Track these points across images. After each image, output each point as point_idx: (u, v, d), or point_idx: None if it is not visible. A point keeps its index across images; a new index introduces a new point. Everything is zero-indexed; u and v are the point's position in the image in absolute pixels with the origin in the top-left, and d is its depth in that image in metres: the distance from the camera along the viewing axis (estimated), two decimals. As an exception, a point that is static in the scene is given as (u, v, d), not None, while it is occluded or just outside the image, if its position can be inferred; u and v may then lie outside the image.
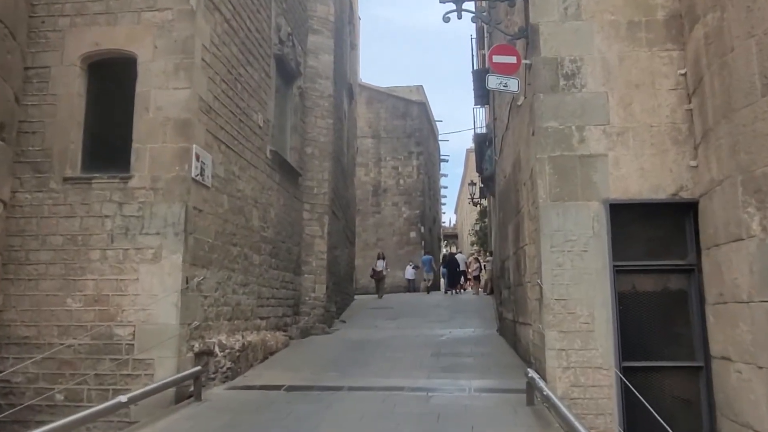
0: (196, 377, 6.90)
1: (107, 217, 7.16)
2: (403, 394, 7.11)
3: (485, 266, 22.50)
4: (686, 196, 6.27)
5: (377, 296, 21.33)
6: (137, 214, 7.13)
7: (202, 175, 7.58)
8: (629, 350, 6.20)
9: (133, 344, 6.86)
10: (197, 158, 7.42)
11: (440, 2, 7.33)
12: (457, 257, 25.39)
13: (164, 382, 6.36)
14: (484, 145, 17.74)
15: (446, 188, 46.03)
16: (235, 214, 8.94)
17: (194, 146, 7.32)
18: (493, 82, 7.04)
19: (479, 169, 19.25)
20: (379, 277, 21.97)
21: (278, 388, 7.54)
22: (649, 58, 6.53)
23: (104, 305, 6.97)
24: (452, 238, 51.33)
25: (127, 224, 7.12)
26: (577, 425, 4.65)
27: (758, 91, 4.97)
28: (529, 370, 6.42)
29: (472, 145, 24.50)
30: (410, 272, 26.31)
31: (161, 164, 7.20)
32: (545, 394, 5.53)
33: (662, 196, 6.33)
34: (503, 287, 12.03)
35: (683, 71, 6.41)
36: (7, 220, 7.12)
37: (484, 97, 17.32)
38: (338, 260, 15.82)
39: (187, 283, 7.13)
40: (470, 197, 31.06)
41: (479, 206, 29.92)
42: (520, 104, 8.20)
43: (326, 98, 14.10)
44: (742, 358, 5.16)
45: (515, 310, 9.59)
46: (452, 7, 7.31)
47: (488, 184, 17.97)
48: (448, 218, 55.57)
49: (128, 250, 7.07)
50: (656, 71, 6.50)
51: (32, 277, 7.10)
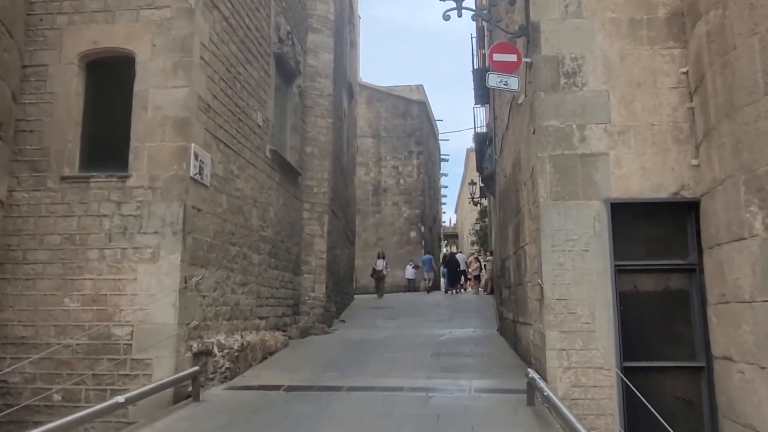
0: (194, 377, 6.86)
1: (105, 216, 7.13)
2: (402, 394, 7.07)
3: (485, 266, 22.48)
4: (688, 195, 6.24)
5: (377, 296, 21.28)
6: (135, 213, 7.09)
7: (200, 174, 7.54)
8: (630, 350, 6.16)
9: (131, 344, 6.82)
10: (196, 157, 7.38)
11: (440, 0, 7.29)
12: (457, 257, 25.34)
13: (162, 382, 6.32)
14: (484, 144, 17.71)
15: (446, 188, 46.06)
16: (234, 213, 8.89)
17: (193, 145, 7.28)
18: (493, 80, 6.99)
19: (479, 168, 19.23)
20: (379, 276, 21.91)
21: (277, 388, 7.50)
22: (650, 56, 6.49)
23: (102, 305, 6.93)
24: (452, 237, 51.30)
25: (125, 223, 7.08)
26: (577, 426, 4.62)
27: (761, 89, 4.93)
28: (529, 370, 6.38)
29: (472, 144, 24.47)
30: (410, 272, 26.31)
31: (159, 163, 7.16)
32: (546, 394, 5.49)
33: (663, 195, 6.29)
34: (503, 287, 11.99)
35: (685, 69, 6.37)
36: (4, 219, 7.11)
37: (484, 96, 17.29)
38: (338, 260, 15.78)
39: (185, 282, 7.09)
40: (470, 197, 31.01)
41: (479, 206, 29.88)
42: (520, 103, 8.16)
43: (326, 97, 14.06)
44: (744, 358, 5.12)
45: (515, 309, 9.55)
46: (452, 5, 7.28)
47: (488, 183, 17.94)
48: (448, 218, 55.60)
49: (126, 249, 7.03)
50: (658, 69, 6.46)
51: (29, 276, 7.07)
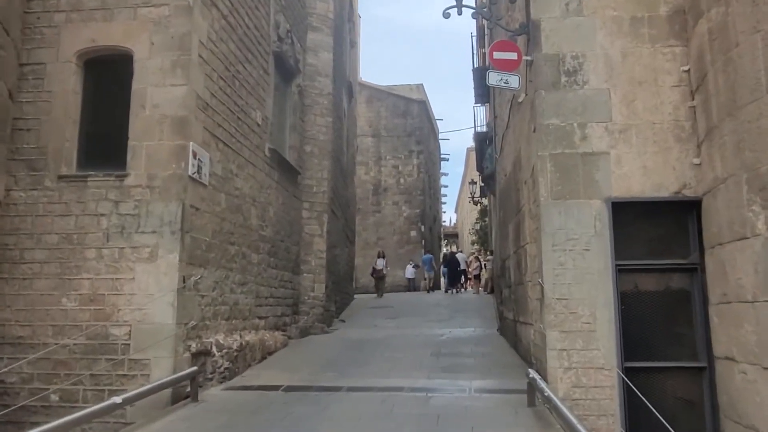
0: (192, 378, 6.81)
1: (103, 215, 7.08)
2: (402, 394, 7.03)
3: (485, 265, 22.44)
4: (689, 194, 6.20)
5: (377, 295, 21.23)
6: (133, 212, 7.04)
7: (199, 173, 7.49)
8: (631, 350, 6.13)
9: (129, 344, 6.78)
10: (194, 156, 7.33)
11: (440, -2, 7.25)
12: (457, 256, 25.32)
13: (160, 382, 6.28)
14: (484, 143, 17.69)
15: (447, 187, 46.02)
16: (233, 212, 8.85)
17: (191, 144, 7.24)
18: (493, 78, 6.95)
19: (479, 167, 19.20)
20: (379, 275, 21.84)
21: (276, 388, 7.46)
22: (651, 54, 6.45)
23: (100, 305, 6.89)
24: (453, 237, 51.28)
25: (123, 223, 7.04)
26: (578, 427, 4.59)
27: (764, 87, 4.89)
28: (530, 370, 6.33)
29: (472, 143, 24.42)
30: (410, 271, 26.28)
31: (158, 162, 7.11)
32: (546, 395, 5.45)
33: (665, 194, 6.25)
34: (504, 286, 11.96)
35: (686, 68, 6.33)
36: (1, 218, 7.08)
37: (484, 95, 17.26)
38: (338, 259, 15.73)
39: (183, 282, 7.04)
40: (471, 196, 30.97)
41: (480, 205, 29.84)
42: (520, 101, 8.11)
43: (325, 96, 14.01)
44: (746, 358, 5.08)
45: (516, 309, 9.51)
46: (452, 2, 7.23)
47: (489, 182, 17.91)
48: (448, 217, 55.57)
49: (124, 248, 6.98)
50: (659, 68, 6.42)
51: (27, 276, 7.02)
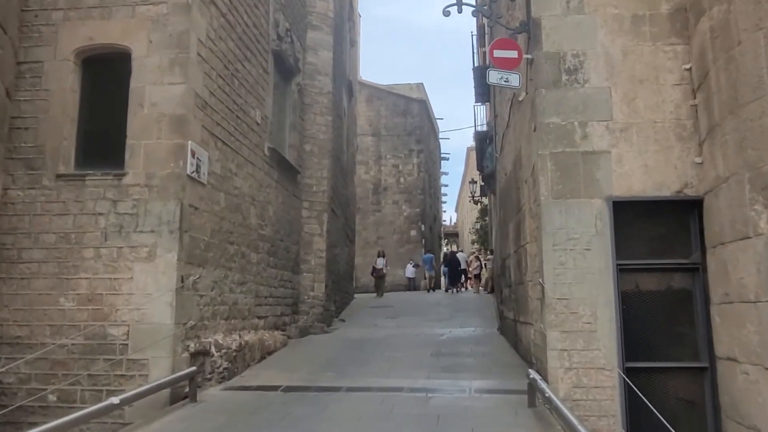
0: (191, 378, 6.77)
1: (101, 214, 7.04)
2: (402, 394, 6.99)
3: (486, 264, 22.40)
4: (691, 193, 6.16)
5: (377, 295, 21.18)
6: (131, 211, 7.00)
7: (197, 172, 7.45)
8: (632, 351, 6.09)
9: (127, 344, 6.74)
10: (193, 155, 7.29)
11: (440, -4, 7.21)
12: (458, 256, 25.30)
13: (158, 383, 6.24)
14: (484, 142, 17.63)
15: (447, 186, 45.94)
16: (232, 211, 8.81)
17: (190, 143, 7.20)
18: (493, 77, 6.90)
19: (480, 167, 19.14)
20: (379, 275, 21.78)
21: (275, 388, 7.43)
22: (653, 52, 6.41)
23: (98, 304, 6.85)
24: (453, 236, 51.24)
25: (121, 222, 7.00)
26: (579, 428, 4.56)
27: (766, 85, 4.85)
28: (530, 371, 6.29)
29: (472, 143, 24.37)
30: (410, 271, 26.24)
31: (156, 161, 7.07)
32: (547, 395, 5.41)
33: (666, 193, 6.21)
34: (504, 286, 11.92)
35: (688, 66, 6.29)
36: (-2, 217, 7.03)
37: (484, 94, 17.20)
38: (337, 259, 15.70)
39: (182, 282, 7.00)
40: (471, 195, 30.92)
41: (480, 204, 29.79)
42: (521, 100, 8.07)
43: (325, 95, 13.96)
44: (749, 359, 5.05)
45: (516, 309, 9.47)
46: (453, 0, 7.19)
47: (489, 181, 17.86)
48: (448, 216, 55.53)
49: (122, 248, 6.94)
50: (660, 66, 6.38)
51: (25, 275, 6.98)
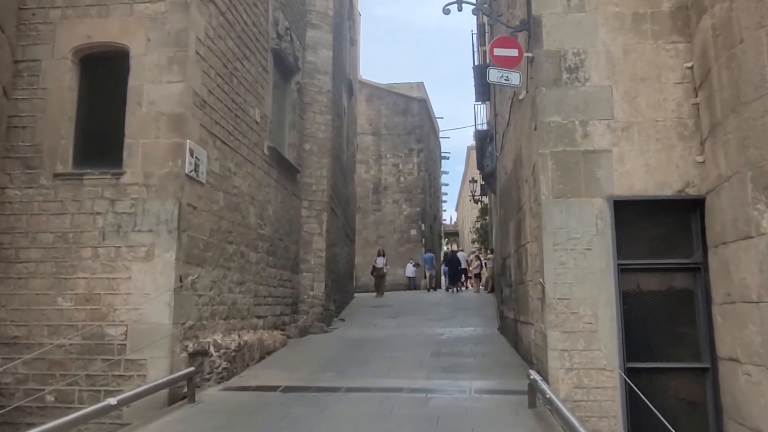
0: (189, 378, 6.74)
1: (99, 214, 7.00)
2: (401, 395, 6.95)
3: (486, 264, 22.36)
4: (693, 192, 6.12)
5: (377, 294, 21.12)
6: (129, 211, 6.96)
7: (196, 171, 7.41)
8: (634, 351, 6.05)
9: (125, 344, 6.70)
10: (191, 154, 7.25)
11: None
12: (458, 255, 25.26)
13: (155, 383, 6.21)
14: (485, 141, 17.58)
15: (447, 185, 45.89)
16: (231, 211, 8.77)
17: (188, 142, 7.16)
18: (494, 75, 6.86)
19: (480, 166, 19.08)
20: (379, 274, 21.70)
21: (274, 389, 7.39)
22: (654, 50, 6.37)
23: (96, 304, 6.81)
24: (453, 235, 51.20)
25: (119, 221, 6.96)
26: (580, 429, 4.52)
27: (769, 83, 4.80)
28: (531, 371, 6.25)
29: (473, 142, 24.30)
30: (411, 270, 26.20)
31: (154, 160, 7.03)
32: (548, 396, 5.37)
33: (668, 192, 6.17)
34: (504, 285, 11.87)
35: (690, 64, 6.25)
36: (-4, 217, 6.99)
37: (485, 93, 17.15)
38: (337, 258, 15.65)
39: (180, 281, 6.96)
40: (471, 194, 30.84)
41: (480, 203, 29.73)
42: (521, 99, 8.02)
43: (325, 94, 13.92)
44: (751, 359, 5.00)
45: (516, 308, 9.43)
46: (452, -2, 7.15)
47: (489, 181, 17.81)
48: (449, 216, 55.49)
49: (120, 247, 6.90)
50: (662, 64, 6.34)
51: (22, 275, 6.94)
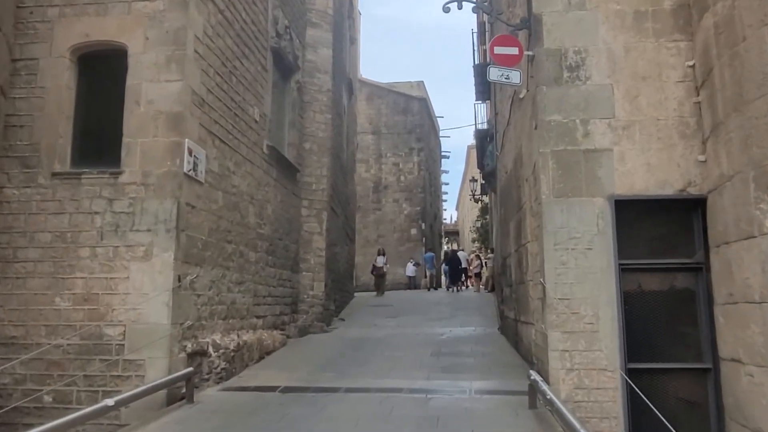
0: (188, 378, 6.71)
1: (97, 213, 6.96)
2: (401, 395, 6.91)
3: (486, 263, 22.32)
4: (694, 191, 6.07)
5: (377, 293, 21.07)
6: (128, 210, 6.93)
7: (195, 170, 7.37)
8: (635, 351, 6.00)
9: (123, 344, 6.67)
10: (190, 153, 7.21)
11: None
12: (459, 254, 25.22)
13: (153, 384, 6.17)
14: (485, 141, 17.54)
15: (447, 184, 45.84)
16: (230, 210, 8.73)
17: (186, 141, 7.12)
18: (494, 74, 6.82)
19: (480, 165, 19.03)
20: (379, 273, 21.62)
21: (273, 389, 7.35)
22: (655, 49, 6.32)
23: (94, 304, 6.78)
24: (453, 234, 51.17)
25: (117, 221, 6.92)
26: (581, 430, 4.47)
27: (772, 81, 4.76)
28: (531, 372, 6.21)
29: (473, 141, 24.26)
30: (411, 269, 26.15)
31: (152, 159, 6.99)
32: (548, 397, 5.34)
33: (669, 191, 6.12)
34: (505, 285, 11.84)
35: (691, 62, 6.20)
36: (-7, 216, 6.96)
37: (485, 92, 17.11)
38: (337, 257, 15.62)
39: (179, 281, 6.93)
40: (471, 194, 30.80)
41: (480, 203, 29.69)
42: (522, 97, 7.98)
43: (325, 93, 13.87)
44: (753, 360, 4.96)
45: (517, 308, 9.39)
46: (452, -4, 7.11)
47: (489, 180, 17.76)
48: (449, 215, 55.42)
49: (118, 247, 6.87)
50: (663, 63, 6.29)
51: (20, 275, 6.91)
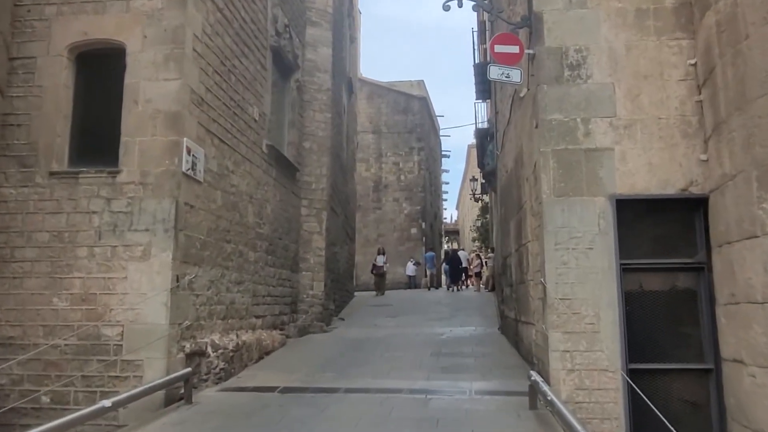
0: (186, 379, 6.66)
1: (95, 213, 6.92)
2: (401, 396, 6.87)
3: (487, 263, 22.29)
4: (696, 191, 6.03)
5: (377, 293, 21.01)
6: (126, 209, 6.88)
7: (193, 169, 7.33)
8: (636, 352, 5.97)
9: (121, 345, 6.63)
10: (188, 152, 7.17)
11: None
12: (459, 254, 25.19)
13: (151, 385, 6.13)
14: (485, 140, 17.51)
15: (448, 184, 45.79)
16: (229, 210, 8.69)
17: (185, 140, 7.07)
18: (494, 72, 6.77)
19: (480, 164, 19.00)
20: (379, 273, 21.53)
21: (272, 389, 7.31)
22: (657, 47, 6.28)
23: (91, 304, 6.74)
24: (453, 234, 51.15)
25: (115, 220, 6.88)
26: (581, 431, 4.43)
27: (775, 80, 4.72)
28: (532, 372, 6.17)
29: (473, 140, 24.24)
30: (411, 269, 26.12)
31: (151, 158, 6.94)
32: (549, 398, 5.30)
33: (671, 191, 6.08)
34: (505, 285, 11.79)
35: (693, 61, 6.15)
36: (-10, 216, 6.92)
37: (485, 91, 17.09)
38: (337, 257, 15.58)
39: (177, 281, 6.89)
40: (471, 193, 30.74)
41: (481, 202, 29.65)
42: (522, 96, 7.93)
43: (324, 92, 13.82)
44: (755, 361, 4.92)
45: (517, 308, 9.35)
46: (452, -5, 7.06)
47: (490, 179, 17.73)
48: (449, 214, 55.37)
49: (116, 247, 6.83)
50: (665, 61, 6.24)
51: (17, 275, 6.87)
